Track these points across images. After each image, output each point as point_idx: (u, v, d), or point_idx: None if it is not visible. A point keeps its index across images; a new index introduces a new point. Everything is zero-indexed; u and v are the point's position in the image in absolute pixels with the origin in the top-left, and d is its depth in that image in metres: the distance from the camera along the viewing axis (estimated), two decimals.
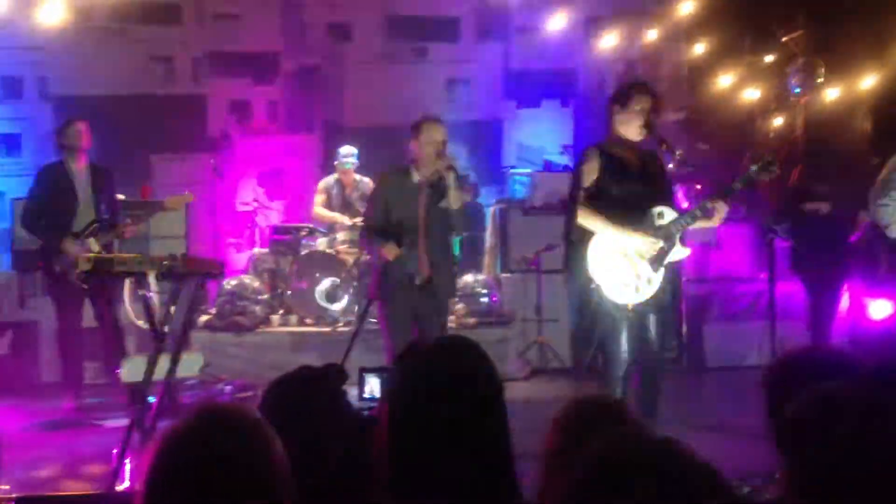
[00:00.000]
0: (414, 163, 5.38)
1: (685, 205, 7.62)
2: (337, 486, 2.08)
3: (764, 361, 7.18)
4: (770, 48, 9.33)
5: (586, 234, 4.61)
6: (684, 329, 8.24)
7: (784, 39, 9.11)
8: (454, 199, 5.23)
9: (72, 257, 6.07)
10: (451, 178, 5.20)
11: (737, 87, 9.57)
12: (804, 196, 6.80)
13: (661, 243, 4.56)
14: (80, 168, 6.45)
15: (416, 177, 5.34)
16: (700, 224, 4.71)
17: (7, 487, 2.17)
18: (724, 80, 9.54)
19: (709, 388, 7.59)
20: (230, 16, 9.40)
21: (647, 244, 4.55)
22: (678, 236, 4.60)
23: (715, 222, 4.67)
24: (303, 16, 9.61)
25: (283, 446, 1.63)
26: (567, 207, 4.84)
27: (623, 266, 4.56)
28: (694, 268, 8.27)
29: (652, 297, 4.62)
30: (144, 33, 9.07)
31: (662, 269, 4.57)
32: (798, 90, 9.04)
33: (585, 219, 4.61)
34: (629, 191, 4.62)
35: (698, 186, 8.19)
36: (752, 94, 9.55)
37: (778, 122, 9.41)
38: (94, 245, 6.18)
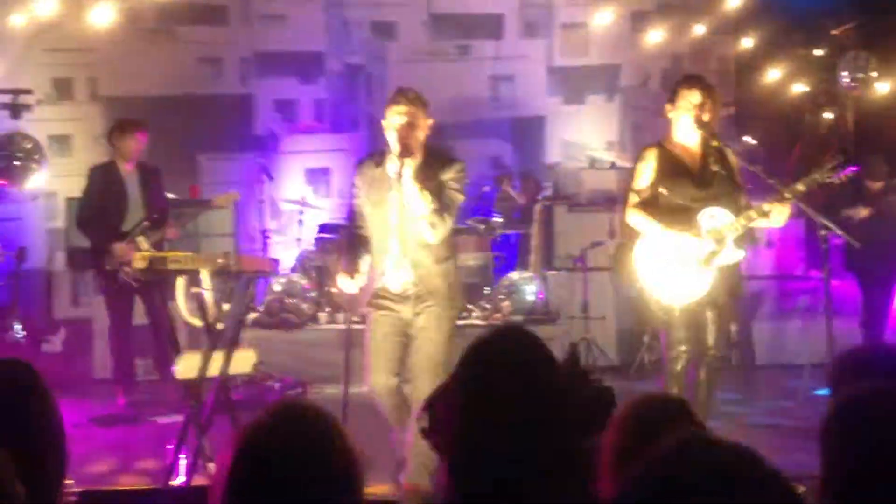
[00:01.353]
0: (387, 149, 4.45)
1: None
2: None
3: (815, 360, 7.09)
4: (820, 41, 9.21)
5: (635, 234, 4.56)
6: (734, 326, 8.15)
7: (834, 32, 8.98)
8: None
9: (122, 256, 6.18)
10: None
11: (786, 81, 9.46)
12: (857, 193, 6.72)
13: (708, 244, 4.44)
14: (130, 168, 6.51)
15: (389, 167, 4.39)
16: (760, 223, 4.55)
17: (71, 481, 2.20)
18: (772, 74, 9.43)
19: (758, 386, 7.50)
20: (276, 16, 9.48)
21: (694, 245, 4.44)
22: (731, 238, 4.44)
23: (776, 223, 4.54)
24: (347, 15, 9.66)
25: None
26: (618, 208, 4.78)
27: (670, 267, 4.48)
28: (744, 265, 8.16)
29: (705, 298, 4.49)
30: (192, 34, 9.17)
31: (711, 271, 4.45)
32: (848, 84, 8.90)
33: (635, 219, 4.56)
34: (682, 192, 4.51)
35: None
36: (801, 88, 9.43)
37: (828, 116, 9.27)
38: (143, 244, 6.22)
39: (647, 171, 4.57)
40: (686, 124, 4.50)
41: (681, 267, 4.47)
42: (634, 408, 2.11)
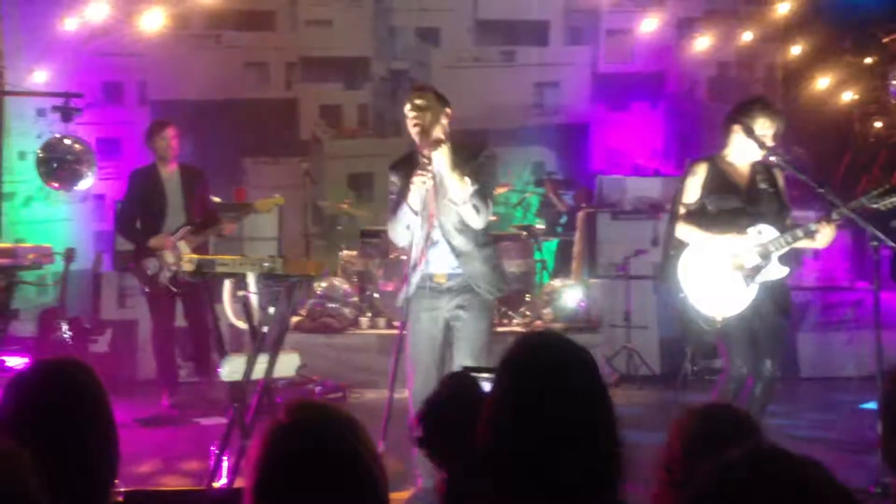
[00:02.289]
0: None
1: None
2: None
3: (862, 373, 6.98)
4: (870, 49, 9.07)
5: (682, 246, 4.61)
6: None
7: (885, 40, 8.85)
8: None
9: (158, 246, 6.24)
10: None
11: (835, 88, 9.33)
12: None
13: (753, 258, 4.46)
14: (170, 170, 6.52)
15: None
16: (803, 244, 4.54)
17: (117, 481, 2.23)
18: (821, 82, 9.31)
19: (802, 399, 7.39)
20: (322, 22, 9.55)
21: (745, 249, 4.45)
22: (777, 254, 4.47)
23: (820, 244, 4.52)
24: (392, 21, 9.70)
25: None
26: (662, 216, 4.78)
27: (715, 279, 4.49)
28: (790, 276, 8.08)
29: (749, 312, 4.49)
30: (239, 39, 9.28)
31: (755, 286, 4.46)
32: None
33: (683, 231, 4.60)
34: (730, 209, 4.53)
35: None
36: (850, 96, 9.30)
37: (878, 125, 9.14)
38: (184, 247, 6.24)
39: (696, 185, 4.61)
40: (752, 148, 4.50)
41: (725, 279, 4.49)
42: (699, 418, 2.06)
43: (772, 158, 4.52)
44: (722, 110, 9.33)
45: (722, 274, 4.49)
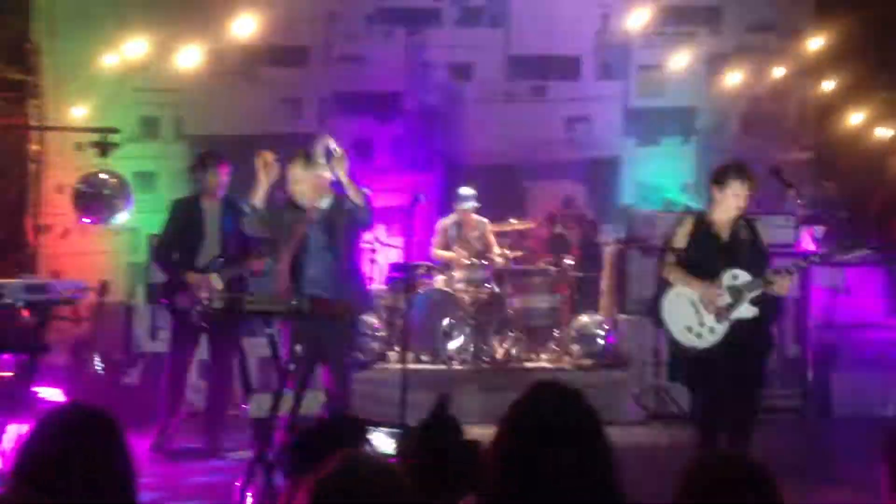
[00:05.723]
0: None
1: (811, 247, 7.43)
2: None
3: None
4: None
5: (668, 285, 5.31)
6: (810, 376, 7.97)
7: None
8: None
9: (196, 286, 6.17)
10: None
11: (868, 124, 9.27)
12: None
13: (726, 298, 5.11)
14: (212, 203, 6.51)
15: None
16: (772, 289, 5.12)
17: None
18: (854, 118, 9.25)
19: (834, 439, 7.30)
20: (355, 57, 9.67)
21: (711, 294, 5.11)
22: (748, 297, 5.10)
23: (779, 292, 5.16)
24: (425, 56, 9.80)
25: None
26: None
27: (690, 314, 5.19)
28: (821, 313, 8.01)
29: (722, 348, 5.10)
30: (273, 75, 9.42)
31: (727, 323, 5.12)
32: None
33: (669, 273, 5.31)
34: (710, 256, 5.21)
35: (823, 227, 7.96)
36: (884, 132, 9.23)
37: None
38: (216, 281, 6.18)
39: (684, 234, 5.32)
40: (730, 207, 5.21)
41: (698, 315, 5.17)
42: (709, 469, 2.03)
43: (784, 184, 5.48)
44: (754, 145, 9.42)
45: (696, 309, 5.17)
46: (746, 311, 5.13)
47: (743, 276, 5.13)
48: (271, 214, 5.49)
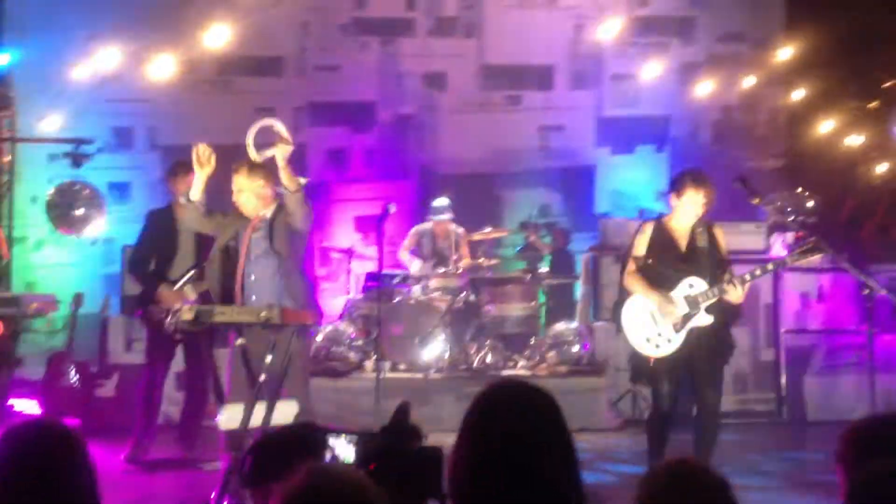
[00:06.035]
0: None
1: (783, 253, 7.50)
2: None
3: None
4: (873, 94, 9.14)
5: (628, 294, 5.32)
6: (783, 380, 8.04)
7: (887, 85, 8.91)
8: None
9: (168, 303, 6.10)
10: None
11: (839, 133, 9.39)
12: None
13: (683, 308, 5.14)
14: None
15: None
16: (728, 296, 5.12)
17: None
18: (825, 126, 9.36)
19: (809, 443, 7.36)
20: (329, 67, 9.68)
21: (666, 306, 5.13)
22: (704, 305, 5.14)
23: (733, 300, 5.14)
24: (399, 66, 9.83)
25: None
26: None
27: (648, 323, 5.20)
28: (794, 319, 8.09)
29: (681, 355, 5.13)
30: (248, 85, 9.41)
31: (684, 332, 5.15)
32: None
33: (629, 282, 5.31)
34: (669, 264, 5.23)
35: (797, 234, 8.04)
36: (854, 141, 9.35)
37: (881, 169, 9.17)
38: (189, 293, 6.11)
39: (643, 242, 5.31)
40: (688, 214, 5.19)
41: (656, 325, 5.18)
42: (660, 475, 2.06)
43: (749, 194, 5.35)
44: (726, 154, 9.51)
45: (654, 320, 5.18)
46: (703, 318, 5.16)
47: (699, 285, 5.15)
48: (224, 215, 5.47)
